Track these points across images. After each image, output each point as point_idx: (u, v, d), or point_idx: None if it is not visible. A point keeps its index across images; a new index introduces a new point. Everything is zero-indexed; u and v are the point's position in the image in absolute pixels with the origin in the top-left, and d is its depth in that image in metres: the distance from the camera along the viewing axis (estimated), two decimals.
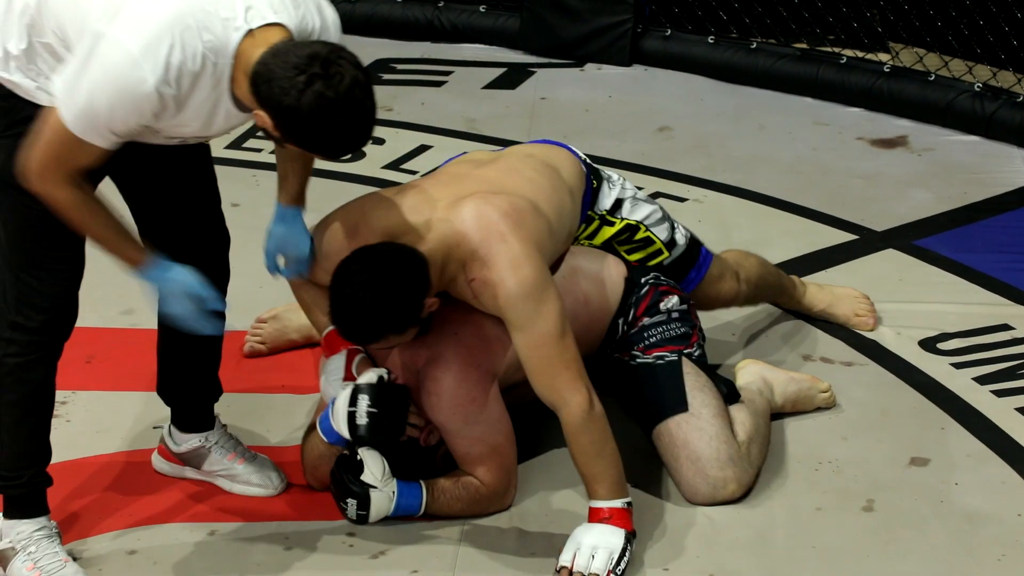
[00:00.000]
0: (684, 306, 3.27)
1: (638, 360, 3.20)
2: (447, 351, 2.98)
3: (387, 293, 2.81)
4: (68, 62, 2.56)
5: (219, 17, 2.51)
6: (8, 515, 2.88)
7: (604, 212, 3.31)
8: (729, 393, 3.24)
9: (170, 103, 2.53)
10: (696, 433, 3.10)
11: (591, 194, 3.27)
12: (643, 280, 3.25)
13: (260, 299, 3.91)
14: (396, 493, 2.98)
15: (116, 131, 2.55)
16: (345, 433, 2.93)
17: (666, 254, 3.36)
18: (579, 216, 3.23)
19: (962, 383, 3.57)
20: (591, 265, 3.22)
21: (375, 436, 2.93)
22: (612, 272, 3.23)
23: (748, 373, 3.40)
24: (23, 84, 2.64)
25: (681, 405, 3.13)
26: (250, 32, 2.53)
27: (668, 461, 3.15)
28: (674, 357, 3.19)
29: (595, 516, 2.93)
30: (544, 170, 3.14)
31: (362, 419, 2.91)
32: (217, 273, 2.96)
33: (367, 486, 2.95)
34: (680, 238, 3.40)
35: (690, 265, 3.41)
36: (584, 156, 3.32)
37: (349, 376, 3.00)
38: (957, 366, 3.65)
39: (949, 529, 3.07)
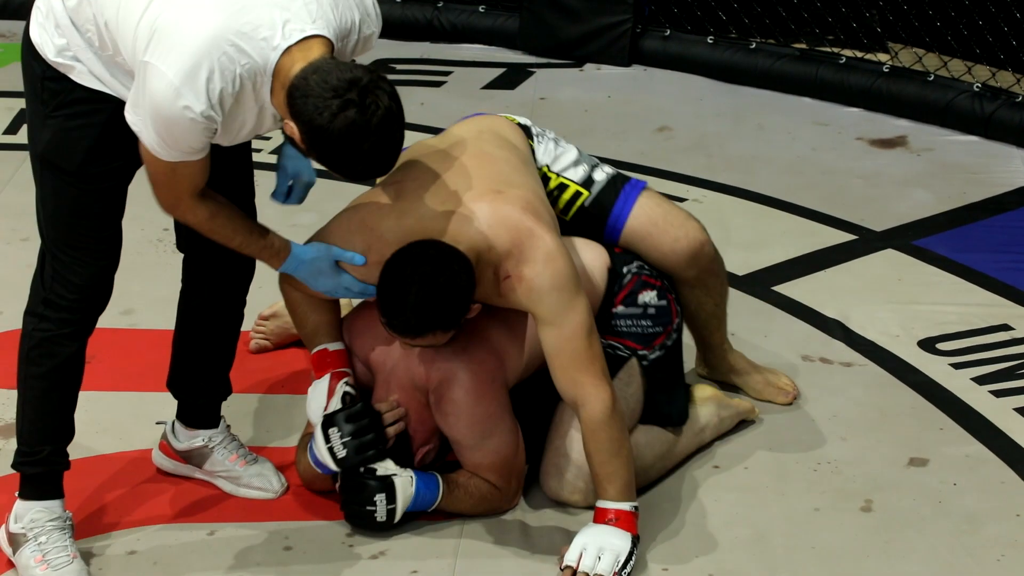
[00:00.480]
0: (663, 302, 3.18)
1: None
2: (460, 369, 2.97)
3: (444, 289, 2.81)
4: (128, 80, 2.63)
5: (257, 39, 2.55)
6: (24, 495, 2.89)
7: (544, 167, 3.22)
8: (671, 415, 3.19)
9: (219, 122, 2.59)
10: (576, 431, 3.02)
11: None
12: (624, 270, 3.17)
13: (259, 299, 3.90)
14: (415, 477, 2.98)
15: (195, 146, 2.62)
16: (333, 467, 2.96)
17: (585, 193, 3.21)
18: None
19: (961, 383, 3.58)
20: (576, 259, 3.17)
21: (361, 459, 2.94)
22: (596, 264, 3.14)
23: (704, 406, 3.31)
24: (74, 66, 2.69)
25: None
26: (287, 50, 2.56)
27: (547, 436, 3.10)
28: (624, 354, 3.14)
29: (600, 517, 2.92)
30: (506, 146, 3.11)
31: (341, 452, 2.93)
32: (241, 269, 3.01)
33: (388, 475, 2.95)
34: (600, 175, 3.23)
35: (614, 197, 3.22)
36: (514, 117, 3.25)
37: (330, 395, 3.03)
38: (956, 366, 3.65)
39: (948, 529, 3.08)
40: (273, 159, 3.00)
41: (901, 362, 3.67)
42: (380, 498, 2.94)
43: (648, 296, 3.18)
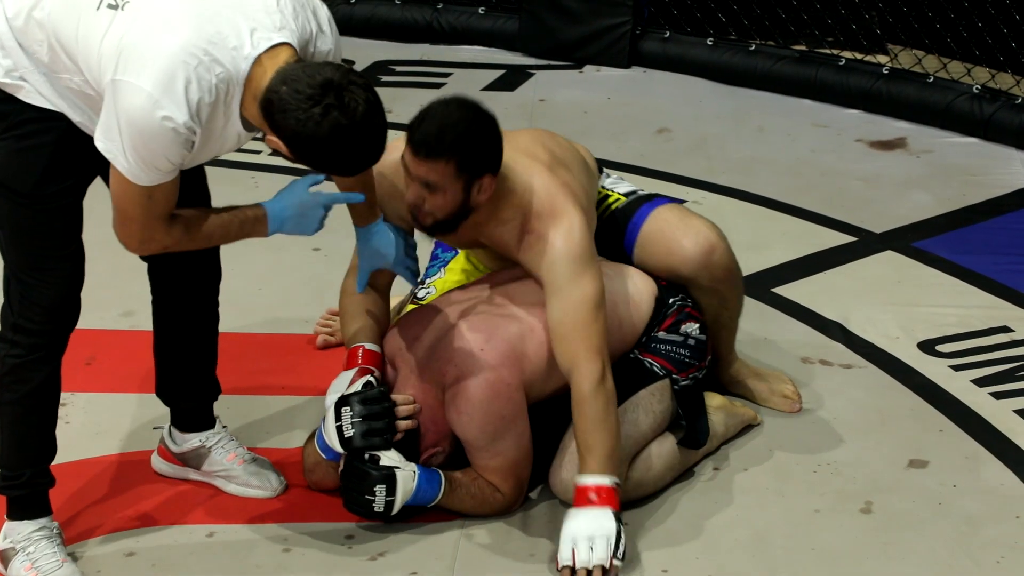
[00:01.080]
0: (703, 336, 3.24)
1: (631, 355, 3.20)
2: (476, 369, 2.98)
3: (469, 119, 2.91)
4: (95, 112, 2.60)
5: (227, 47, 2.55)
6: (11, 516, 2.88)
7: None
8: (690, 437, 3.19)
9: (198, 134, 2.57)
10: None
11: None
12: (671, 300, 3.23)
13: (259, 300, 3.92)
14: (417, 473, 2.98)
15: (173, 162, 2.60)
16: (338, 448, 2.95)
17: (622, 199, 3.35)
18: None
19: (961, 385, 3.58)
20: (624, 288, 3.19)
21: (367, 444, 2.94)
22: (644, 293, 3.21)
23: (714, 415, 3.32)
24: (22, 86, 2.66)
25: (618, 399, 3.05)
26: (258, 58, 2.56)
27: (570, 429, 3.08)
28: (661, 372, 3.17)
29: (580, 497, 2.91)
30: (577, 156, 3.27)
31: (349, 431, 2.93)
32: (208, 273, 2.98)
33: (390, 467, 2.95)
34: (641, 192, 3.40)
35: (641, 204, 3.35)
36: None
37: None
38: (956, 368, 3.65)
39: (948, 531, 3.08)
40: (274, 159, 3.00)
41: (901, 364, 3.67)
42: (380, 489, 2.94)
43: (690, 327, 3.23)
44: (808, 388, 3.55)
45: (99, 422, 3.39)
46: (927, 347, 3.74)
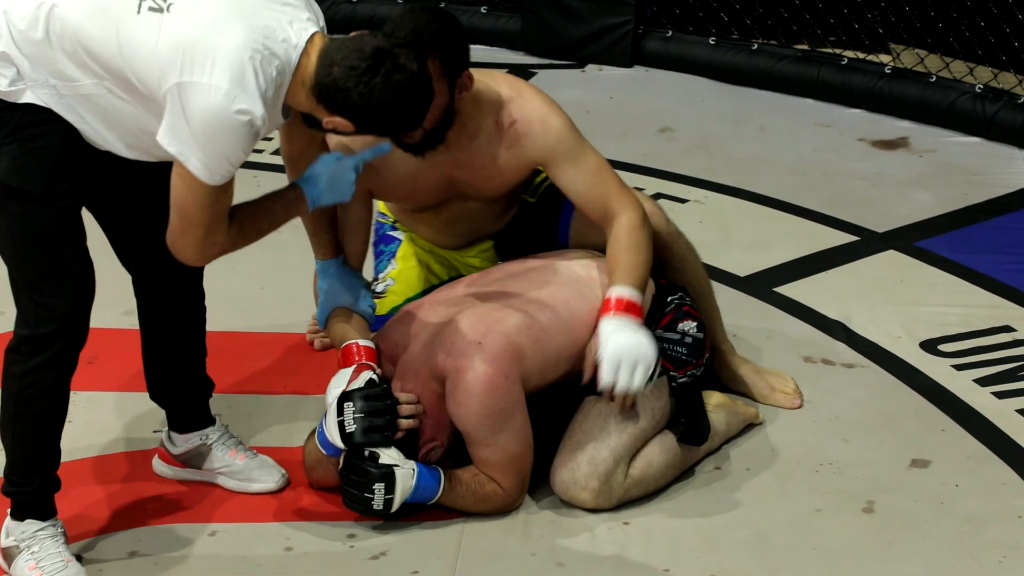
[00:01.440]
0: (700, 334, 3.24)
1: None
2: (477, 360, 2.98)
3: (443, 14, 3.07)
4: (155, 119, 2.60)
5: (278, 40, 2.60)
6: (16, 516, 2.87)
7: None
8: (690, 434, 3.19)
9: (263, 126, 2.62)
10: (600, 431, 3.06)
11: None
12: (669, 299, 3.24)
13: (260, 300, 3.92)
14: (416, 471, 2.98)
15: (241, 159, 2.63)
16: (339, 443, 2.94)
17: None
18: None
19: (963, 385, 3.57)
20: None
21: (367, 439, 2.94)
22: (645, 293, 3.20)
23: (715, 414, 3.31)
24: (25, 90, 2.64)
25: None
26: (304, 48, 2.62)
27: (569, 428, 3.11)
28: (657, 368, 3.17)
29: (619, 305, 2.99)
30: None
31: (351, 426, 2.93)
32: (192, 271, 2.96)
33: (389, 465, 2.94)
34: None
35: None
36: None
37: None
38: (958, 368, 3.65)
39: (950, 531, 3.07)
40: (274, 159, 3.00)
41: (903, 363, 3.66)
42: (379, 487, 2.93)
43: (688, 325, 3.22)
44: (810, 387, 3.55)
45: (101, 421, 3.39)
46: (929, 347, 3.74)
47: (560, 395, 3.15)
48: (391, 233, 3.48)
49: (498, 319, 3.03)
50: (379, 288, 3.41)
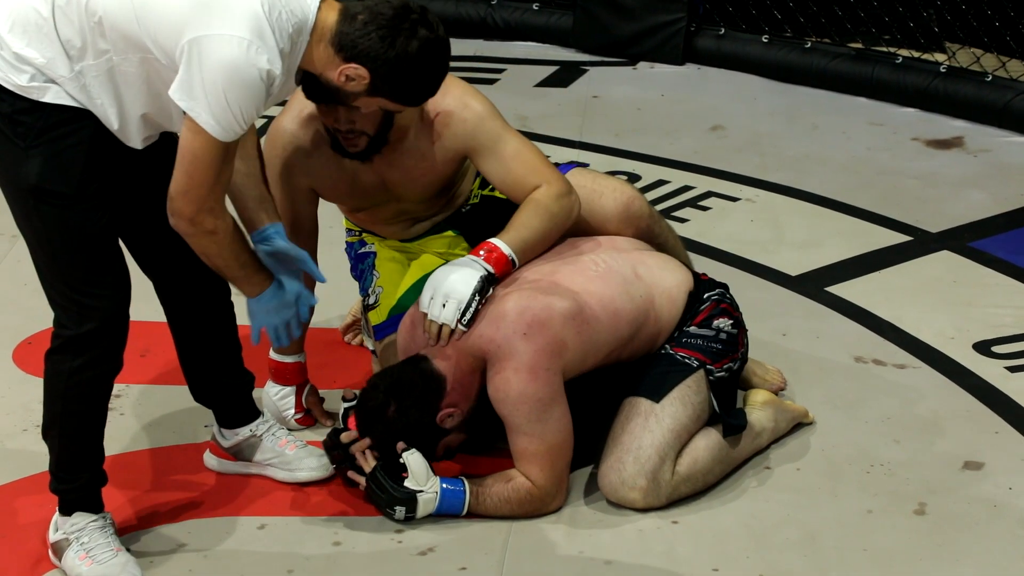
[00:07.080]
0: (735, 331, 3.23)
1: (663, 351, 3.19)
2: (520, 347, 2.98)
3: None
4: (168, 76, 2.59)
5: None
6: (64, 512, 2.89)
7: None
8: (728, 425, 3.17)
9: (276, 85, 2.64)
10: (642, 429, 3.06)
11: None
12: (706, 296, 3.23)
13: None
14: (439, 494, 3.01)
15: (254, 116, 2.64)
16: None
17: None
18: None
19: (1017, 387, 3.54)
20: (665, 281, 3.20)
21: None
22: (681, 287, 3.21)
23: (762, 411, 3.30)
24: (48, 88, 2.63)
25: (655, 395, 3.09)
26: (320, 5, 2.67)
27: (611, 431, 3.11)
28: (693, 363, 3.15)
29: (476, 250, 3.06)
30: None
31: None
32: (215, 282, 2.95)
33: (413, 492, 3.00)
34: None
35: None
36: None
37: (299, 408, 3.33)
38: (1012, 369, 3.61)
39: (1003, 534, 3.05)
40: None
41: (956, 365, 3.64)
42: (400, 508, 3.01)
43: (723, 323, 3.21)
44: (861, 388, 3.53)
45: (152, 413, 3.41)
46: (983, 348, 3.71)
47: (598, 394, 3.15)
48: (363, 250, 3.48)
49: (545, 307, 3.02)
50: (371, 301, 3.42)
